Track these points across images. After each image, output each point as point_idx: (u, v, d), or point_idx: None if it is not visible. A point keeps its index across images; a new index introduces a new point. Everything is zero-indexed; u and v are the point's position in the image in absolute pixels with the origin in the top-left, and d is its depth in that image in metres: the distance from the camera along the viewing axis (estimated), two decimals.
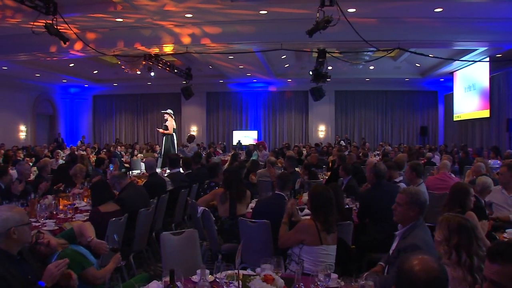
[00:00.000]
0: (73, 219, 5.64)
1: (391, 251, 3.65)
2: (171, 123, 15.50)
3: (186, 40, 12.86)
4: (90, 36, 12.99)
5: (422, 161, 12.52)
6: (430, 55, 14.07)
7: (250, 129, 25.63)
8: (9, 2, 9.78)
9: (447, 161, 8.41)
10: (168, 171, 10.15)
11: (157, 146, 20.50)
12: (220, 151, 20.73)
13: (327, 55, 13.99)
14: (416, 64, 20.14)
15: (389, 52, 12.83)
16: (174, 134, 15.71)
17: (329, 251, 4.11)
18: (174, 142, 15.59)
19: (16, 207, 3.30)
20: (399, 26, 11.84)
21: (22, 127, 23.07)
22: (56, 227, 5.15)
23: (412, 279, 2.07)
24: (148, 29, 12.79)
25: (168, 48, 13.66)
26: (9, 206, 3.42)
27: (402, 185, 6.53)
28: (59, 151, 16.59)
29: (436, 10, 10.98)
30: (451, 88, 21.73)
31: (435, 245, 3.10)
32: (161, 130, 15.63)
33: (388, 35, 11.86)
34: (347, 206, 6.07)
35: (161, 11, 11.26)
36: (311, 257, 4.04)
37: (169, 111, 15.85)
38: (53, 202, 6.25)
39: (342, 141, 22.19)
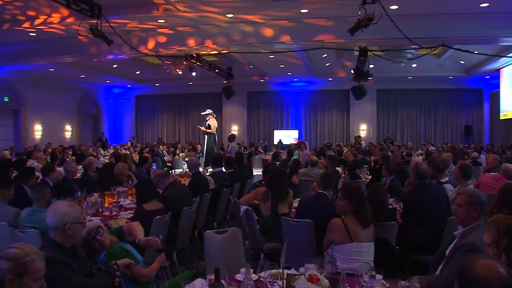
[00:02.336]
0: (118, 217, 5.75)
1: (447, 251, 3.57)
2: (213, 122, 15.55)
3: (227, 39, 12.91)
4: (133, 37, 13.20)
5: (468, 161, 12.22)
6: (475, 52, 13.65)
7: (291, 129, 25.56)
8: (55, 6, 10.03)
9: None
10: (210, 170, 10.23)
11: (199, 145, 20.71)
12: (261, 151, 20.76)
13: (369, 53, 13.82)
14: (461, 62, 19.63)
15: (432, 49, 12.56)
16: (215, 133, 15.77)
17: (362, 248, 4.01)
18: (216, 141, 15.64)
19: (75, 205, 3.43)
20: (443, 23, 11.52)
21: (68, 127, 23.68)
22: (102, 224, 5.25)
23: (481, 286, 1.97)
24: (189, 29, 12.89)
25: (209, 48, 13.73)
26: (69, 202, 3.55)
27: (448, 185, 6.38)
28: (100, 149, 16.99)
29: (482, 5, 10.65)
30: (497, 86, 21.11)
31: (484, 247, 3.02)
32: (203, 128, 15.69)
33: (431, 32, 11.56)
34: (390, 206, 5.98)
35: (202, 11, 11.34)
36: (342, 255, 3.97)
37: (208, 111, 15.91)
38: (99, 200, 6.43)
39: (362, 142, 21.88)
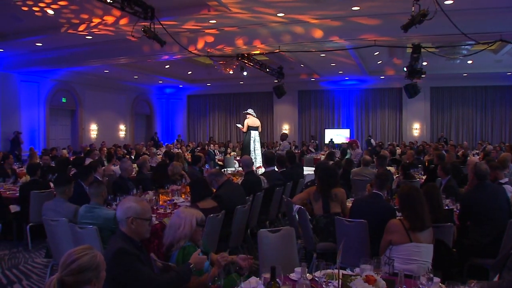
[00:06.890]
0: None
1: None
2: (246, 121, 14.61)
3: (278, 39, 12.90)
4: (185, 38, 13.39)
5: None
6: None
7: (343, 128, 25.40)
8: (110, 9, 10.30)
9: None
10: (254, 168, 10.25)
11: None
12: (313, 150, 20.67)
13: (422, 50, 13.51)
14: None
15: (489, 45, 12.15)
16: (252, 132, 14.64)
17: (421, 248, 3.95)
18: (249, 140, 14.54)
19: (143, 202, 3.44)
20: (501, 17, 11.02)
21: (122, 126, 24.36)
22: (157, 222, 5.35)
23: None
24: (241, 29, 12.95)
25: (260, 48, 13.77)
26: (137, 198, 3.62)
27: (508, 186, 6.15)
28: (153, 148, 17.34)
29: None
30: None
31: None
32: (240, 126, 15.20)
33: (489, 26, 11.13)
34: (447, 207, 5.84)
35: (253, 11, 11.39)
36: (401, 255, 3.92)
37: (248, 111, 15.37)
38: (154, 197, 6.60)
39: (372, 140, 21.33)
